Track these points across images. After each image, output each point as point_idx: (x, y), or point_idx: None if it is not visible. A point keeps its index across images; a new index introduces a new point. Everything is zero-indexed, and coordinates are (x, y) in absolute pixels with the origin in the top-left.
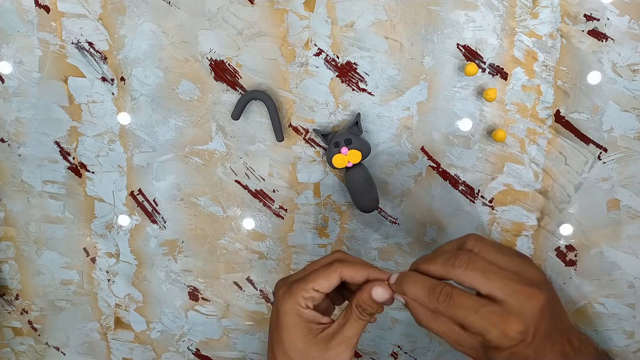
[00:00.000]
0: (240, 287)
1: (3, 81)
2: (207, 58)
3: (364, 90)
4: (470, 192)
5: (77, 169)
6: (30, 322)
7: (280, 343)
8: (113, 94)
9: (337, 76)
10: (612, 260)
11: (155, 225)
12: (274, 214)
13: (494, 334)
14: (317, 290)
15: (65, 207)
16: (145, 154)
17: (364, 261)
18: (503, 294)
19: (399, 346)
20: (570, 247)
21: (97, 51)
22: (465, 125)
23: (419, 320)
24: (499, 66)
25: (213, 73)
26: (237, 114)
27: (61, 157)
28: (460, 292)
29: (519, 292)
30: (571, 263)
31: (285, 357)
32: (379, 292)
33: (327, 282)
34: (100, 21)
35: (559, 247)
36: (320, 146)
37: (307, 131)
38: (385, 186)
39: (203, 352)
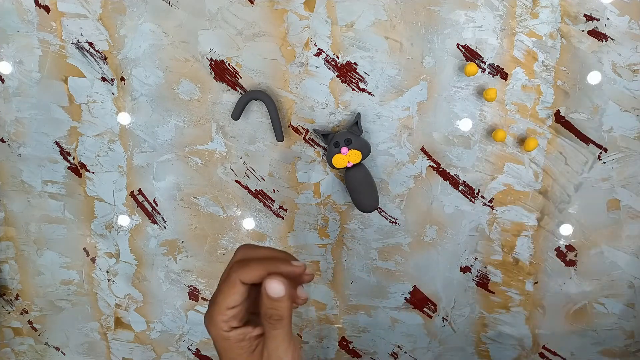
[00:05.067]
0: None
1: (3, 81)
2: (207, 58)
3: (364, 90)
4: (470, 192)
5: (77, 169)
6: (30, 322)
7: None
8: (113, 94)
9: (337, 76)
10: (612, 260)
11: (155, 225)
12: (274, 214)
13: None
14: (232, 307)
15: (65, 207)
16: (145, 154)
17: (263, 255)
18: None
19: (399, 346)
20: (570, 247)
21: (97, 51)
22: (465, 125)
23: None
24: (499, 66)
25: (213, 73)
26: (237, 114)
27: (61, 157)
28: None
29: None
30: (571, 263)
31: None
32: (272, 288)
33: (234, 296)
34: (100, 21)
35: (559, 247)
36: (320, 146)
37: (307, 131)
38: (385, 186)
39: (203, 352)
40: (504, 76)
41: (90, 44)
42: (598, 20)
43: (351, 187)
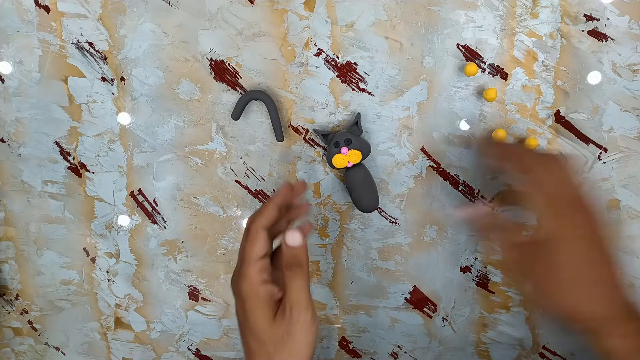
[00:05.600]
0: None
1: (3, 81)
2: (207, 58)
3: (364, 90)
4: (470, 192)
5: (77, 169)
6: (30, 322)
7: (249, 328)
8: (113, 94)
9: (337, 76)
10: None
11: (155, 225)
12: None
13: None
14: (262, 257)
15: (65, 207)
16: (145, 154)
17: (271, 198)
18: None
19: (399, 346)
20: None
21: (97, 51)
22: (465, 125)
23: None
24: (499, 66)
25: (213, 73)
26: (237, 114)
27: (61, 157)
28: None
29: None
30: None
31: (257, 342)
32: (291, 235)
33: (260, 244)
34: (100, 21)
35: None
36: (320, 146)
37: (307, 131)
38: (385, 186)
39: (203, 352)
40: (504, 76)
41: (90, 44)
42: (598, 20)
43: (351, 187)
